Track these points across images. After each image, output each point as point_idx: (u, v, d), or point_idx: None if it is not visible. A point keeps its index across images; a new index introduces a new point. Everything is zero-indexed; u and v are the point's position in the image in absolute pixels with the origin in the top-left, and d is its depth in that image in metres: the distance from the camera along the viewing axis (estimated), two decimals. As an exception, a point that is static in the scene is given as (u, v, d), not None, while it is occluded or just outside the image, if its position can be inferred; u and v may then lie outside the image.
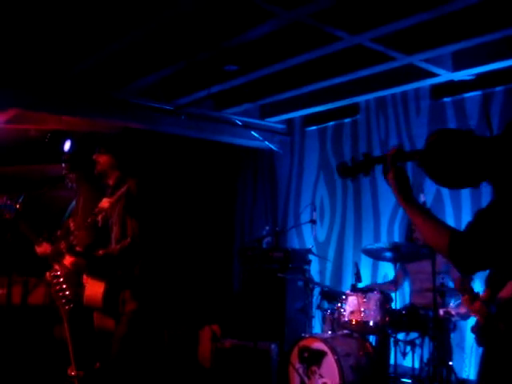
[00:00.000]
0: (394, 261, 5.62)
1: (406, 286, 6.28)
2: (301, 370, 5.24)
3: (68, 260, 3.95)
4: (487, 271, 2.37)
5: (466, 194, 6.13)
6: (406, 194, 2.22)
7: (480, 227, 1.94)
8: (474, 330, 4.01)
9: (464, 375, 5.54)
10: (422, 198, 5.17)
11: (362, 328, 5.30)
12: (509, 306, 2.00)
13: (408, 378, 5.31)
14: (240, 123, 7.69)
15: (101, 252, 3.93)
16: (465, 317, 5.14)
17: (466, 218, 6.07)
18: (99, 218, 4.07)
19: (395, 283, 5.67)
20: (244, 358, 5.88)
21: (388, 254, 5.58)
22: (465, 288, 3.82)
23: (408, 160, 2.25)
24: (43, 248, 4.24)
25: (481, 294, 3.84)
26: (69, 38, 5.28)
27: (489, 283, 3.56)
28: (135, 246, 3.83)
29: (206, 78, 6.36)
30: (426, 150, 2.11)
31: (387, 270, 6.64)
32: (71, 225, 4.32)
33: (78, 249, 4.01)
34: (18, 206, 4.23)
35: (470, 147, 2.02)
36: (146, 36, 5.09)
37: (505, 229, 1.89)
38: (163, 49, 5.54)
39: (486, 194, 5.77)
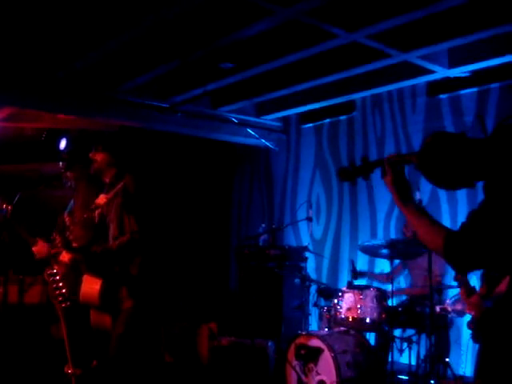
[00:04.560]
0: (390, 258, 5.63)
1: (403, 283, 6.30)
2: (298, 367, 5.24)
3: (65, 256, 3.94)
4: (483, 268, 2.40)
5: (461, 191, 6.14)
6: (404, 196, 2.27)
7: (473, 227, 1.98)
8: (470, 325, 4.03)
9: (461, 371, 5.55)
10: (417, 196, 5.19)
11: (358, 325, 5.31)
12: (504, 300, 2.02)
13: (405, 375, 5.33)
14: (236, 121, 7.69)
15: (98, 248, 3.93)
16: (461, 313, 5.15)
17: (462, 215, 6.08)
18: (95, 214, 4.07)
19: (391, 278, 5.67)
20: (241, 356, 5.89)
21: (384, 251, 5.58)
22: (462, 280, 3.86)
23: (405, 163, 2.30)
24: (39, 247, 4.22)
25: (477, 289, 3.87)
26: (64, 36, 5.27)
27: (484, 279, 3.59)
28: (134, 242, 3.82)
29: (201, 75, 6.36)
30: (421, 153, 2.16)
31: (383, 267, 6.65)
32: (66, 219, 4.32)
33: (74, 245, 4.00)
34: (10, 208, 4.20)
35: (462, 149, 2.07)
36: (141, 34, 5.08)
37: (498, 228, 1.92)
38: (159, 47, 5.53)
39: (481, 191, 5.78)
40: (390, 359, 5.25)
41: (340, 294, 5.45)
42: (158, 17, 4.71)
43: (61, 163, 4.48)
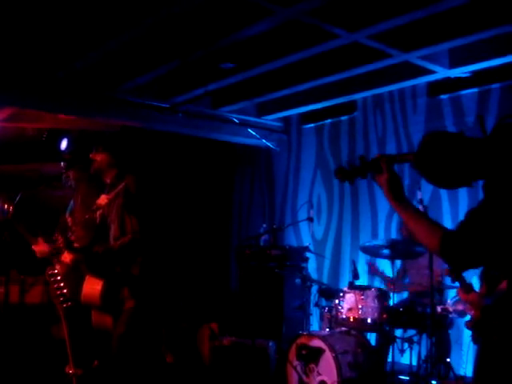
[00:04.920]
0: (391, 258, 5.63)
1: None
2: (299, 368, 5.24)
3: (67, 256, 3.95)
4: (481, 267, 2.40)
5: (463, 190, 6.14)
6: (399, 196, 2.25)
7: (470, 225, 1.99)
8: (468, 325, 4.02)
9: (462, 372, 5.55)
10: (418, 195, 5.18)
11: (359, 325, 5.31)
12: (504, 299, 2.02)
13: (406, 375, 5.32)
14: (237, 121, 7.69)
15: (100, 248, 3.93)
16: (462, 313, 5.15)
17: (464, 214, 6.07)
18: (97, 214, 4.07)
19: (393, 283, 5.67)
20: (242, 356, 5.88)
21: (385, 251, 5.58)
22: (457, 277, 3.85)
23: (401, 162, 2.29)
24: (40, 246, 4.23)
25: (477, 289, 3.86)
26: (65, 36, 5.27)
27: (484, 279, 3.58)
28: (135, 242, 3.82)
29: (202, 75, 6.36)
30: (418, 152, 2.16)
31: (384, 267, 6.64)
32: (68, 220, 4.32)
33: (75, 245, 4.01)
34: (11, 208, 4.21)
35: (460, 148, 2.07)
36: (142, 34, 5.08)
37: (495, 226, 1.93)
38: (160, 47, 5.53)
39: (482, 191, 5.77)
40: (391, 359, 5.25)
41: (341, 294, 5.45)
42: (158, 17, 4.71)
43: (62, 163, 4.48)
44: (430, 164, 2.12)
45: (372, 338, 5.79)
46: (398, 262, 6.17)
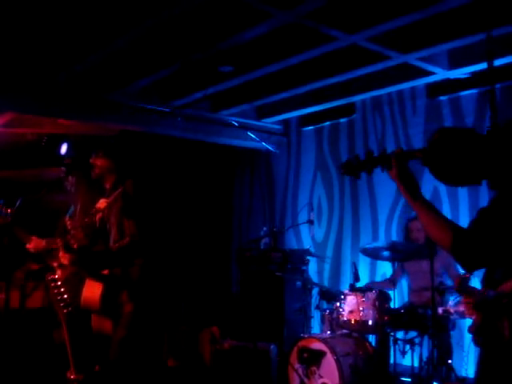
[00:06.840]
0: (391, 260, 5.63)
1: (405, 285, 6.29)
2: (300, 371, 5.24)
3: (64, 257, 3.94)
4: (483, 271, 2.38)
5: (463, 193, 6.13)
6: (412, 191, 2.23)
7: (482, 224, 1.97)
8: (471, 330, 4.00)
9: (463, 373, 5.54)
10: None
11: (360, 327, 5.30)
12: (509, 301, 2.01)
13: (407, 377, 5.32)
14: (236, 124, 7.69)
15: (98, 249, 3.93)
16: (463, 315, 5.14)
17: (464, 217, 6.07)
18: (96, 218, 4.07)
19: (393, 281, 5.68)
20: (243, 359, 5.88)
21: (386, 254, 5.58)
22: (464, 289, 3.80)
23: (411, 159, 2.26)
24: (34, 243, 4.22)
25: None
26: (64, 41, 5.27)
27: (485, 283, 3.57)
28: (134, 245, 3.82)
29: (201, 79, 6.36)
30: (428, 148, 2.13)
31: (385, 270, 6.64)
32: (67, 223, 4.32)
33: (74, 246, 4.00)
34: (9, 211, 4.21)
35: (472, 145, 2.04)
36: (141, 38, 5.08)
37: (506, 226, 1.91)
38: (159, 51, 5.54)
39: (483, 192, 5.78)
40: (392, 361, 5.24)
41: (342, 296, 5.44)
42: (157, 19, 4.70)
43: (63, 168, 4.48)
44: (441, 160, 2.09)
45: (373, 340, 5.78)
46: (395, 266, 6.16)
